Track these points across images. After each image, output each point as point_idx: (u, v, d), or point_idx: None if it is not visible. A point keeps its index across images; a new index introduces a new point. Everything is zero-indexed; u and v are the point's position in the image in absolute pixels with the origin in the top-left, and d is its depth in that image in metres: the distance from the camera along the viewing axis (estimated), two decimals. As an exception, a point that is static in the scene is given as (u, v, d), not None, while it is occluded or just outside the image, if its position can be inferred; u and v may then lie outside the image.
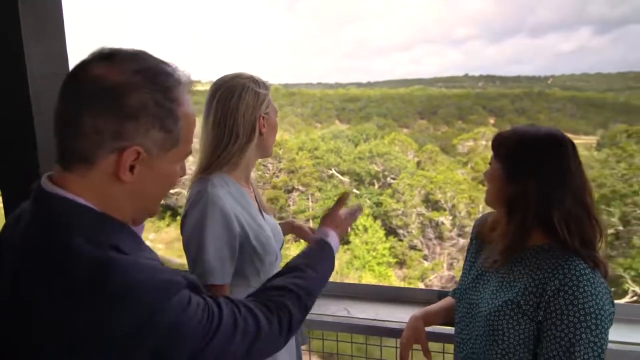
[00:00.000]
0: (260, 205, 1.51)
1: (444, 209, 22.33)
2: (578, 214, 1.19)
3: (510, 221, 1.24)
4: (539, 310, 1.16)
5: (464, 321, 1.35)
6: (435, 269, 21.34)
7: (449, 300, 1.57)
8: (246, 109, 1.37)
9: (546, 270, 1.18)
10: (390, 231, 23.38)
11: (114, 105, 0.73)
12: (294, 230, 1.72)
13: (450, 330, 1.53)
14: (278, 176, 23.96)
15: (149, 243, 1.38)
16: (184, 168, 0.87)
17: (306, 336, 1.64)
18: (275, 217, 1.63)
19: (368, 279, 19.88)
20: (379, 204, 24.48)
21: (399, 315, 1.73)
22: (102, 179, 0.77)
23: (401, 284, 19.65)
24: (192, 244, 1.29)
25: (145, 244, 0.84)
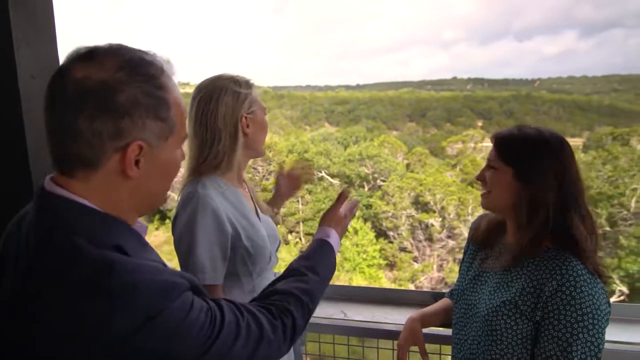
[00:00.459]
0: (257, 205, 1.51)
1: (433, 210, 22.46)
2: (586, 216, 1.19)
3: (527, 226, 1.21)
4: (537, 310, 1.16)
5: (461, 322, 1.36)
6: (425, 271, 21.44)
7: (445, 302, 1.57)
8: (226, 111, 1.37)
9: (544, 270, 1.18)
10: (381, 233, 23.46)
11: (106, 104, 0.72)
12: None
13: (447, 332, 1.53)
14: (268, 178, 23.87)
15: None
16: (183, 153, 0.88)
17: (304, 339, 1.63)
18: (279, 220, 1.63)
19: (358, 281, 19.90)
20: (369, 206, 24.54)
21: (395, 317, 1.73)
22: (107, 179, 0.76)
23: (392, 286, 19.70)
24: (183, 244, 1.28)
25: (150, 245, 0.83)
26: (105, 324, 0.67)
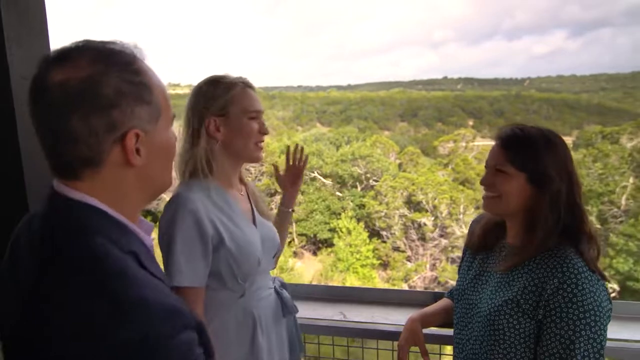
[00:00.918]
0: (256, 209, 1.48)
1: (425, 210, 22.57)
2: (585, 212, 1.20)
3: (540, 226, 1.21)
4: (539, 308, 1.16)
5: (463, 321, 1.35)
6: (418, 270, 21.52)
7: (445, 302, 1.57)
8: (193, 113, 1.37)
9: (545, 269, 1.18)
10: (374, 233, 23.51)
11: (95, 100, 0.73)
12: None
13: (447, 332, 1.53)
14: (260, 180, 23.85)
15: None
16: (174, 134, 0.89)
17: (302, 344, 1.61)
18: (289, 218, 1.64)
19: (352, 281, 19.92)
20: (361, 206, 24.60)
21: (395, 318, 1.72)
22: (113, 173, 0.77)
23: (385, 286, 19.76)
24: (163, 244, 1.28)
25: (156, 260, 0.83)
26: (110, 333, 0.65)
